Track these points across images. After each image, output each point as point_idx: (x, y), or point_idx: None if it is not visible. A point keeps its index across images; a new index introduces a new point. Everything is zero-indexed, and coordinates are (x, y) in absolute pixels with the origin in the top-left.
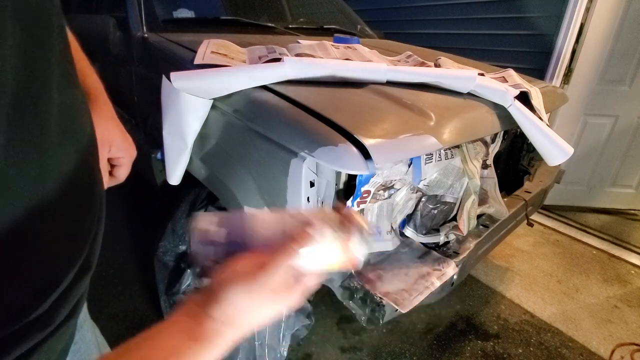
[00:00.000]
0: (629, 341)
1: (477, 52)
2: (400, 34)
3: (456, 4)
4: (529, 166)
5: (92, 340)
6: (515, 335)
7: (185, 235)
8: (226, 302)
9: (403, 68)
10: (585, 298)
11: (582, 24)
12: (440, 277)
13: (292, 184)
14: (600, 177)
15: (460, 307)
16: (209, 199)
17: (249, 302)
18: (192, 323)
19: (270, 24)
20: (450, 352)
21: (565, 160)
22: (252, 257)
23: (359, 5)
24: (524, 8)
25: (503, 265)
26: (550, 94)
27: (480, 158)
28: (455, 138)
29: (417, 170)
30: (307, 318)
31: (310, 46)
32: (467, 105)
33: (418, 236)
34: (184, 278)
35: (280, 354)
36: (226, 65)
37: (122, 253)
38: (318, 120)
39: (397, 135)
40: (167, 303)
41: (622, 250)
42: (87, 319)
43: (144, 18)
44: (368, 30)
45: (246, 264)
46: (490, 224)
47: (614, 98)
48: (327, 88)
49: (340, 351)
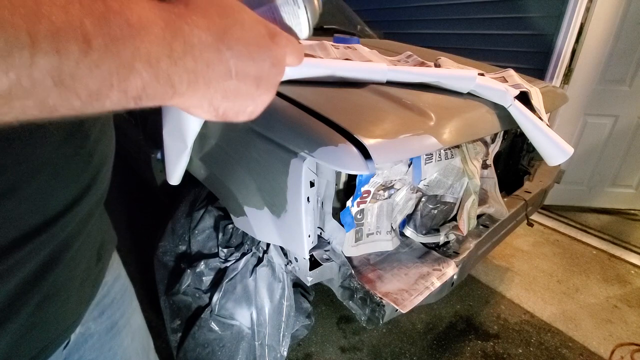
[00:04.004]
0: (629, 341)
1: (477, 52)
2: (400, 34)
3: (456, 4)
4: (529, 166)
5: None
6: (515, 335)
7: (185, 235)
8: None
9: (403, 68)
10: (585, 298)
11: (582, 24)
12: (440, 277)
13: (292, 184)
14: (600, 177)
15: (460, 307)
16: (209, 199)
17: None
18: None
19: None
20: (450, 352)
21: (565, 160)
22: None
23: (359, 5)
24: (524, 8)
25: (503, 265)
26: (550, 94)
27: (480, 158)
28: (455, 138)
29: (417, 170)
30: (307, 318)
31: (310, 46)
32: (467, 105)
33: (418, 236)
34: (184, 278)
35: (280, 354)
36: None
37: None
38: (318, 121)
39: (397, 135)
40: (167, 303)
41: (622, 250)
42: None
43: None
44: (368, 30)
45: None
46: (490, 224)
47: (614, 98)
48: (327, 88)
49: (340, 351)
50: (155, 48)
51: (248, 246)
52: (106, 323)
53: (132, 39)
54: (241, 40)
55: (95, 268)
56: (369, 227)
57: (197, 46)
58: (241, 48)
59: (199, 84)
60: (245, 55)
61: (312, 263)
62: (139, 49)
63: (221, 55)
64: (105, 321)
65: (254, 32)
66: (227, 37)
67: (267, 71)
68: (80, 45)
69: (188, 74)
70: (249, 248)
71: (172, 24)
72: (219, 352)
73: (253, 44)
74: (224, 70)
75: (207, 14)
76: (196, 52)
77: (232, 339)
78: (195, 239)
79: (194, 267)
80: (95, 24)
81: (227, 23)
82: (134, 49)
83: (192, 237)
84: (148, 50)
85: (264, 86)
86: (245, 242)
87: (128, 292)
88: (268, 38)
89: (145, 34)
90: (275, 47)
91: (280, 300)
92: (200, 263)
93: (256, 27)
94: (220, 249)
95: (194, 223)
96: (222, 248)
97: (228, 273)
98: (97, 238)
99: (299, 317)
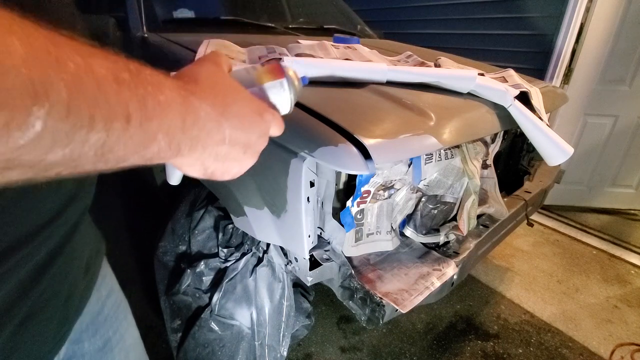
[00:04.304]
0: (629, 341)
1: (477, 52)
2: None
3: (456, 4)
4: (529, 166)
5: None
6: (515, 335)
7: (185, 235)
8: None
9: (403, 68)
10: (585, 298)
11: (582, 24)
12: (440, 277)
13: (292, 184)
14: (600, 177)
15: (460, 307)
16: (209, 199)
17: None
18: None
19: (270, 24)
20: (450, 352)
21: (565, 160)
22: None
23: (359, 5)
24: (524, 8)
25: (503, 265)
26: (550, 94)
27: (480, 158)
28: (455, 138)
29: (417, 170)
30: (307, 318)
31: (310, 46)
32: (467, 105)
33: (418, 236)
34: (183, 278)
35: (280, 354)
36: None
37: (122, 253)
38: (318, 121)
39: (397, 135)
40: (167, 303)
41: (622, 250)
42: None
43: (143, 18)
44: (368, 30)
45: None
46: (490, 224)
47: (614, 98)
48: (327, 88)
49: (340, 351)
50: (174, 122)
51: (248, 246)
52: (99, 342)
53: (160, 116)
54: (237, 115)
55: (84, 280)
56: (369, 227)
57: (203, 118)
58: (236, 121)
59: (198, 147)
60: (239, 127)
61: (312, 263)
62: (163, 123)
63: (220, 125)
64: (98, 340)
65: (247, 109)
66: (226, 112)
67: (254, 141)
68: (122, 124)
69: (192, 140)
70: (249, 248)
71: (186, 99)
72: (219, 352)
73: (246, 118)
74: (220, 138)
75: (213, 91)
76: (201, 123)
77: (232, 339)
78: (195, 239)
79: (194, 267)
80: (136, 106)
81: (227, 100)
82: (159, 123)
83: (192, 237)
84: (168, 124)
85: (250, 152)
86: (245, 242)
87: (122, 306)
88: (258, 115)
89: (169, 111)
90: (263, 122)
91: (280, 300)
92: (200, 263)
93: (249, 105)
94: (220, 249)
95: (194, 223)
96: (222, 248)
97: (228, 273)
98: (85, 249)
99: (299, 317)
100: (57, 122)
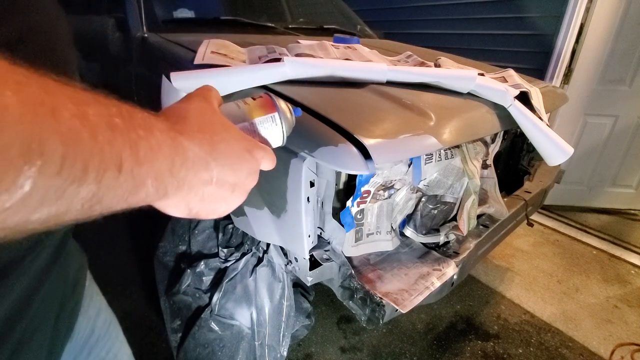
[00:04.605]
0: (629, 341)
1: (477, 52)
2: (400, 34)
3: (456, 4)
4: (529, 166)
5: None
6: (515, 335)
7: (185, 235)
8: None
9: (403, 68)
10: (585, 298)
11: (582, 24)
12: (440, 277)
13: (292, 184)
14: (600, 177)
15: (460, 307)
16: None
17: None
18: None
19: (270, 24)
20: (450, 352)
21: (565, 160)
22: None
23: (359, 5)
24: (524, 8)
25: (503, 265)
26: (550, 94)
27: (480, 158)
28: (455, 138)
29: (417, 170)
30: (307, 318)
31: (310, 46)
32: (467, 105)
33: (418, 236)
34: (183, 278)
35: (280, 354)
36: (226, 65)
37: (122, 253)
38: (318, 121)
39: (397, 135)
40: (167, 303)
41: (622, 250)
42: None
43: (143, 18)
44: (368, 30)
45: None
46: (490, 224)
47: (614, 98)
48: (327, 88)
49: (340, 351)
50: (163, 164)
51: (248, 246)
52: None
53: (150, 160)
54: (225, 154)
55: (72, 298)
56: (369, 227)
57: (191, 159)
58: (224, 161)
59: (184, 188)
60: (227, 166)
61: (312, 263)
62: (152, 167)
63: (208, 166)
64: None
65: (237, 147)
66: (215, 152)
67: (243, 180)
68: (114, 173)
69: (178, 181)
70: (249, 248)
71: (175, 140)
72: (219, 352)
73: (235, 157)
74: (207, 178)
75: (201, 130)
76: (189, 164)
77: (232, 339)
78: (195, 239)
79: (194, 267)
80: (129, 153)
81: (215, 139)
82: (149, 167)
83: (192, 237)
84: (158, 168)
85: (238, 191)
86: (245, 242)
87: (113, 324)
88: (247, 152)
89: (160, 154)
90: (253, 160)
91: (280, 300)
92: (200, 263)
93: (239, 143)
94: (220, 249)
95: (193, 223)
96: (222, 248)
97: (228, 273)
98: (71, 266)
99: (299, 317)
100: (48, 180)
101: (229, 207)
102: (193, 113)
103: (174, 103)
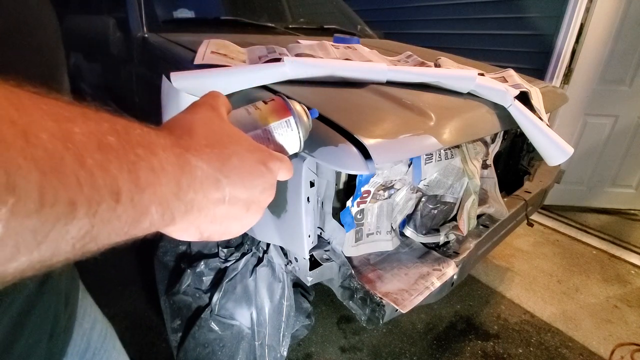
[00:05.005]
0: (629, 341)
1: (477, 52)
2: (400, 34)
3: (456, 4)
4: (529, 166)
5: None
6: (515, 335)
7: None
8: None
9: (403, 68)
10: (585, 298)
11: (582, 24)
12: (440, 277)
13: (292, 184)
14: (600, 177)
15: (460, 307)
16: None
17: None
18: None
19: (270, 24)
20: (450, 352)
21: (565, 160)
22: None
23: (359, 5)
24: (524, 8)
25: (503, 265)
26: (550, 94)
27: (480, 158)
28: (455, 138)
29: (417, 170)
30: (307, 318)
31: (310, 46)
32: (467, 105)
33: (418, 236)
34: (184, 278)
35: (280, 354)
36: (226, 66)
37: (122, 253)
38: (318, 121)
39: (397, 135)
40: (167, 303)
41: (622, 250)
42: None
43: (144, 18)
44: (368, 30)
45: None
46: (490, 224)
47: (614, 98)
48: (327, 88)
49: (340, 351)
50: (168, 187)
51: (248, 246)
52: None
53: (153, 185)
54: (237, 169)
55: (65, 314)
56: (369, 227)
57: (199, 178)
58: (236, 177)
59: (193, 211)
60: (239, 183)
61: (312, 263)
62: (156, 192)
63: (219, 184)
64: None
65: (249, 161)
66: (225, 168)
67: (257, 196)
68: (110, 204)
69: (186, 204)
70: (249, 248)
71: (181, 157)
72: (219, 352)
73: (247, 172)
74: (218, 197)
75: (209, 143)
76: (197, 184)
77: (232, 339)
78: None
79: (194, 267)
80: (127, 178)
81: (226, 153)
82: (152, 193)
83: None
84: (162, 192)
85: (253, 209)
86: (245, 242)
87: (109, 335)
88: (262, 165)
89: (164, 176)
90: (268, 173)
91: (280, 300)
92: (200, 263)
93: (251, 155)
94: (220, 249)
95: None
96: (222, 248)
97: (228, 273)
98: (62, 280)
99: (299, 317)
100: (24, 220)
101: (244, 226)
102: (199, 124)
103: (178, 114)
